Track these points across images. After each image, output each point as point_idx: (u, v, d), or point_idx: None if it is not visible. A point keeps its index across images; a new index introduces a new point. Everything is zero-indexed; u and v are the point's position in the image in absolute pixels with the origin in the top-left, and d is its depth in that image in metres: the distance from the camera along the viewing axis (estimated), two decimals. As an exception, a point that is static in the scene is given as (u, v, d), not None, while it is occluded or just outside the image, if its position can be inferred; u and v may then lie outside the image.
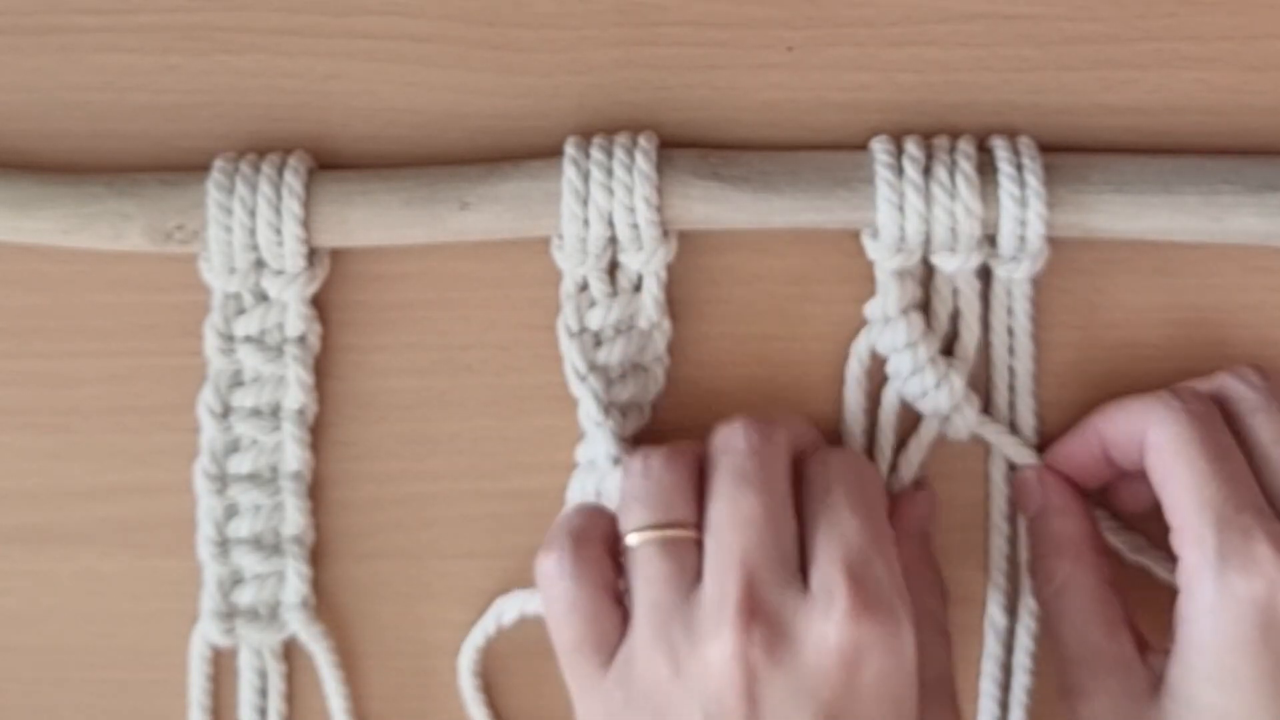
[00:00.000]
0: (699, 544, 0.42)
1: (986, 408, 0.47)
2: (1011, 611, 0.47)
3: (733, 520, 0.41)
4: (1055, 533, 0.45)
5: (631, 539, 0.42)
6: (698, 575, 0.41)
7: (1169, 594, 0.42)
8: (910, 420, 0.47)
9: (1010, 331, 0.47)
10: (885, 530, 0.42)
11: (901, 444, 0.47)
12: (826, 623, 0.39)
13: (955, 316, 0.47)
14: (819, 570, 0.40)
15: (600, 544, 0.43)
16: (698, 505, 0.42)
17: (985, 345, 0.47)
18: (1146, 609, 0.45)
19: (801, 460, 0.43)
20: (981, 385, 0.47)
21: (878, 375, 0.47)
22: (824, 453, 0.44)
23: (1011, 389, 0.47)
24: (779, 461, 0.42)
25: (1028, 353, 0.47)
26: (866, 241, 0.46)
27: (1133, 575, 0.46)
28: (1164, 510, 0.42)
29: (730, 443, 0.42)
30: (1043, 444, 0.47)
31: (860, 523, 0.41)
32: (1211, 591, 0.40)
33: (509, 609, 0.47)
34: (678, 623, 0.40)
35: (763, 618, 0.39)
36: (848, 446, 0.46)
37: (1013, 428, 0.47)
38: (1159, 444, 0.42)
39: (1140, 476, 0.44)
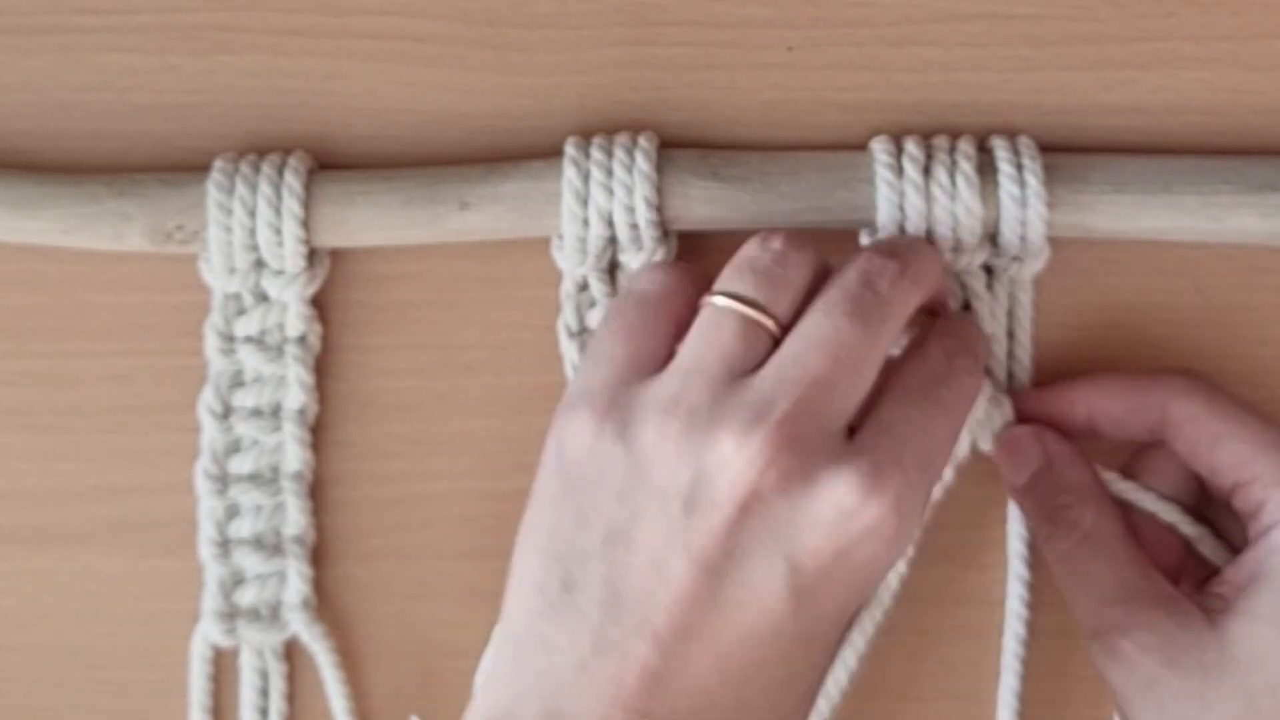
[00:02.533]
0: (775, 344, 0.41)
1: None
2: (1032, 606, 0.47)
3: (825, 343, 0.40)
4: (1071, 482, 0.45)
5: (717, 300, 0.41)
6: (753, 370, 0.40)
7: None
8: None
9: (1010, 333, 0.47)
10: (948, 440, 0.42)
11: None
12: (850, 496, 0.39)
13: (965, 308, 0.47)
14: (872, 444, 0.40)
15: (691, 295, 0.42)
16: (798, 308, 0.41)
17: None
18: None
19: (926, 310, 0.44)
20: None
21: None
22: (944, 328, 0.44)
23: (1010, 388, 0.47)
24: (900, 313, 0.41)
25: (1028, 353, 0.47)
26: (863, 239, 0.46)
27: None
28: (1214, 472, 0.43)
29: (867, 269, 0.41)
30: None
31: (933, 430, 0.41)
32: None
33: None
34: (711, 396, 0.40)
35: (798, 449, 0.39)
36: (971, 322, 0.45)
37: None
38: (1194, 414, 0.44)
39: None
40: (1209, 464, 0.44)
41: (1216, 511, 0.45)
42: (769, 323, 0.41)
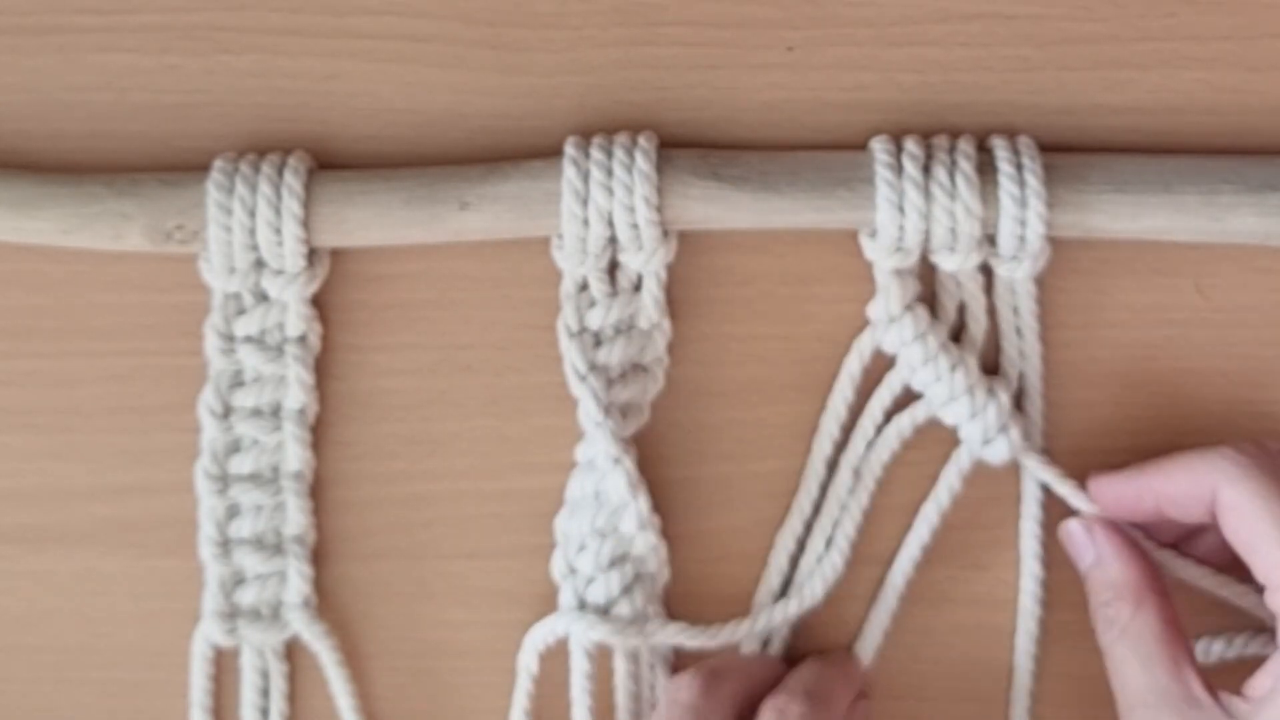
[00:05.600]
0: None
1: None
2: (1046, 604, 0.47)
3: None
4: (1114, 579, 0.45)
5: None
6: None
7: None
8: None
9: (1019, 331, 0.47)
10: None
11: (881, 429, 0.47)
12: None
13: (961, 308, 0.47)
14: None
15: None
16: None
17: (990, 344, 0.47)
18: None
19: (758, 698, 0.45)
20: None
21: (875, 372, 0.47)
22: (785, 684, 0.45)
23: (1021, 389, 0.47)
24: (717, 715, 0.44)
25: (1035, 352, 0.47)
26: (864, 241, 0.46)
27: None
28: (1252, 567, 0.43)
29: (675, 694, 0.45)
30: (1047, 443, 0.47)
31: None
32: None
33: (529, 660, 0.47)
34: None
35: None
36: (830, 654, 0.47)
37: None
38: (1234, 503, 0.42)
39: (1204, 530, 0.45)
40: (1245, 556, 0.43)
41: None
42: None
